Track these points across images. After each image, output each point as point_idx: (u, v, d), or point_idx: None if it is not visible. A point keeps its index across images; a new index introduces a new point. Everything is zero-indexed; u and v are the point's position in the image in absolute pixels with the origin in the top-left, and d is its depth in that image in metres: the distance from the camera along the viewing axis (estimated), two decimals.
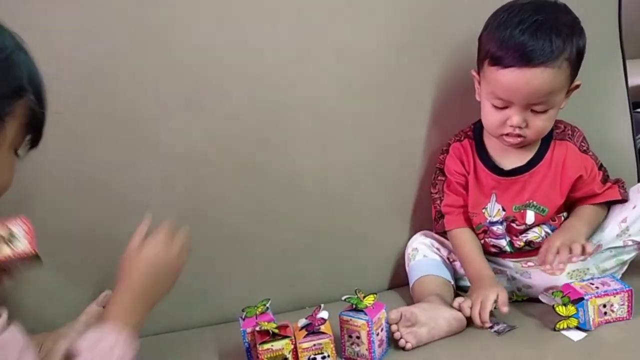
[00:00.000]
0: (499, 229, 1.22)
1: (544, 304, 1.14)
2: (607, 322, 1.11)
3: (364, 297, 1.07)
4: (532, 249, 1.22)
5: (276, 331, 1.04)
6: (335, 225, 1.31)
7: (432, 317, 1.10)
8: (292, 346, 1.04)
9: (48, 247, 1.21)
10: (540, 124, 1.14)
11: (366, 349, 1.06)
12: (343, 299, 1.08)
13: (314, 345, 1.05)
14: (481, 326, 1.11)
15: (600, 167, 1.22)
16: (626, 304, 1.11)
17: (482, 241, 1.25)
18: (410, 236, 1.33)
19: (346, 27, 1.26)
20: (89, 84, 1.18)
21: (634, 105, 1.41)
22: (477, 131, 1.25)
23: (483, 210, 1.23)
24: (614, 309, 1.10)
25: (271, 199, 1.28)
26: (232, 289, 1.28)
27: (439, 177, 1.28)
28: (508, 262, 1.25)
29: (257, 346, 1.04)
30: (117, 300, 0.92)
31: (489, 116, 1.16)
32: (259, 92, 1.24)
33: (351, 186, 1.31)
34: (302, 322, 1.07)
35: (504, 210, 1.21)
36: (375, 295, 1.08)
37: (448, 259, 1.28)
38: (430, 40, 1.28)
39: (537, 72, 1.07)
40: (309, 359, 1.05)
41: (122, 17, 1.17)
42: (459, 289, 1.27)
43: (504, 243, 1.23)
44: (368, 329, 1.04)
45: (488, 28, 1.14)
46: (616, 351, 1.05)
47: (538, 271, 1.19)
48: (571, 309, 1.09)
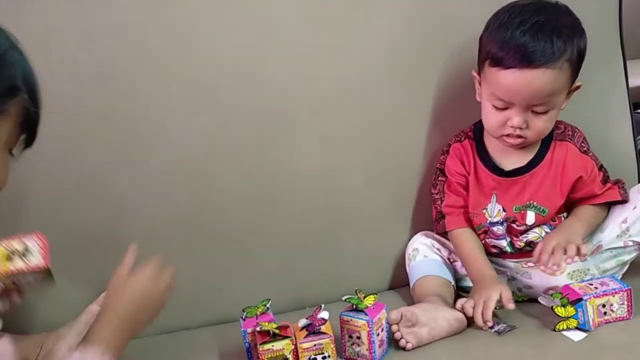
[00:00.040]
0: (499, 229, 1.22)
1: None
2: (607, 322, 1.10)
3: (364, 298, 1.07)
4: (532, 250, 1.21)
5: (277, 331, 1.04)
6: (336, 225, 1.31)
7: (432, 318, 1.10)
8: (293, 346, 1.04)
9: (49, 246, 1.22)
10: (541, 124, 1.14)
11: (366, 349, 1.06)
12: (343, 299, 1.08)
13: (315, 345, 1.05)
14: (482, 326, 1.10)
15: (601, 167, 1.22)
16: (626, 303, 1.11)
17: (483, 242, 1.25)
18: (411, 236, 1.32)
19: (347, 29, 1.26)
20: (90, 85, 1.18)
21: (635, 106, 1.40)
22: (477, 132, 1.25)
23: (483, 211, 1.23)
24: (614, 309, 1.10)
25: (272, 199, 1.28)
26: (233, 289, 1.28)
27: (440, 178, 1.28)
28: (508, 262, 1.25)
29: (258, 346, 1.04)
30: (102, 322, 0.91)
31: (490, 117, 1.16)
32: (260, 95, 1.24)
33: (352, 186, 1.31)
34: (303, 322, 1.07)
35: (504, 210, 1.21)
36: (375, 296, 1.08)
37: (448, 259, 1.28)
38: (430, 41, 1.28)
39: (538, 73, 1.07)
40: (309, 359, 1.05)
41: (124, 20, 1.17)
42: (459, 290, 1.27)
43: (504, 243, 1.23)
44: (368, 329, 1.04)
45: (489, 29, 1.14)
46: (617, 351, 1.05)
47: (538, 272, 1.19)
48: (570, 310, 1.09)
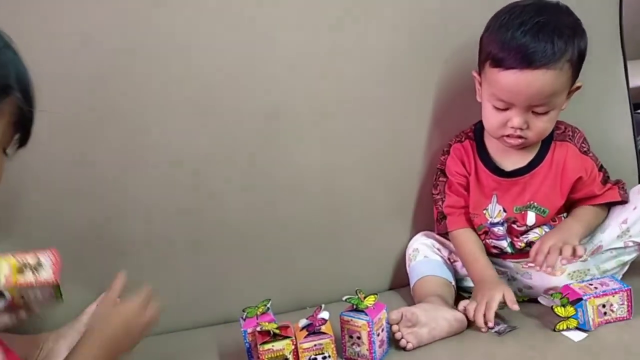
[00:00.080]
0: (499, 230, 1.22)
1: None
2: (607, 322, 1.10)
3: (364, 298, 1.07)
4: None
5: (277, 331, 1.04)
6: (336, 225, 1.31)
7: (433, 318, 1.10)
8: (293, 346, 1.04)
9: (50, 246, 1.22)
10: (542, 125, 1.14)
11: (367, 350, 1.06)
12: (344, 299, 1.08)
13: (315, 345, 1.05)
14: (482, 327, 1.10)
15: (601, 168, 1.22)
16: (626, 303, 1.11)
17: (483, 242, 1.24)
18: (411, 237, 1.32)
19: (348, 30, 1.26)
20: (93, 85, 1.18)
21: (635, 107, 1.40)
22: (477, 132, 1.25)
23: (484, 211, 1.23)
24: (614, 309, 1.10)
25: (273, 199, 1.28)
26: (233, 289, 1.28)
27: (440, 178, 1.28)
28: (508, 262, 1.25)
29: (258, 346, 1.04)
30: (86, 345, 0.90)
31: (490, 117, 1.16)
32: (261, 96, 1.24)
33: (352, 187, 1.31)
34: (303, 322, 1.07)
35: (504, 211, 1.21)
36: (376, 296, 1.09)
37: (449, 259, 1.28)
38: (431, 42, 1.28)
39: (538, 74, 1.07)
40: (309, 359, 1.05)
41: (127, 20, 1.17)
42: (460, 290, 1.27)
43: (505, 244, 1.23)
44: (369, 329, 1.04)
45: (489, 29, 1.14)
46: (617, 351, 1.05)
47: (539, 272, 1.19)
48: (570, 310, 1.09)
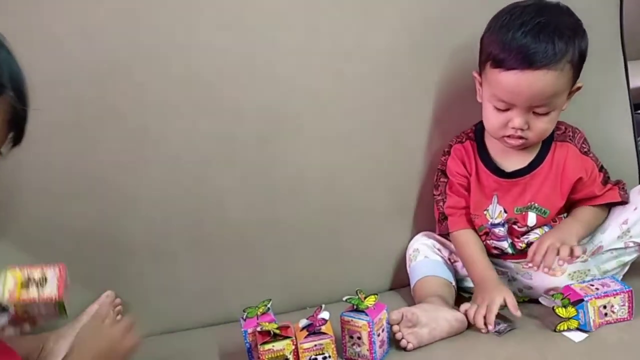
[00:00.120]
0: (500, 231, 1.22)
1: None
2: (608, 323, 1.10)
3: (365, 298, 1.07)
4: None
5: (277, 332, 1.04)
6: (337, 225, 1.31)
7: (433, 318, 1.10)
8: (293, 347, 1.04)
9: (50, 246, 1.22)
10: (542, 126, 1.13)
11: (367, 350, 1.06)
12: (344, 299, 1.08)
13: (315, 345, 1.05)
14: (482, 328, 1.10)
15: (601, 168, 1.22)
16: (627, 304, 1.11)
17: (484, 243, 1.24)
18: (412, 237, 1.32)
19: (349, 31, 1.26)
20: (93, 85, 1.18)
21: (635, 107, 1.40)
22: (478, 132, 1.24)
23: (485, 212, 1.22)
24: (615, 310, 1.10)
25: (274, 200, 1.28)
26: (234, 289, 1.28)
27: (441, 179, 1.27)
28: (509, 263, 1.25)
29: (258, 346, 1.04)
30: None
31: (491, 118, 1.16)
32: (263, 96, 1.24)
33: (353, 187, 1.31)
34: (303, 322, 1.07)
35: (505, 212, 1.21)
36: (376, 296, 1.09)
37: (449, 259, 1.28)
38: (431, 42, 1.28)
39: (539, 74, 1.07)
40: (310, 359, 1.05)
41: (128, 20, 1.18)
42: (460, 290, 1.27)
43: (505, 245, 1.23)
44: (369, 329, 1.04)
45: (490, 30, 1.14)
46: (617, 352, 1.05)
47: (539, 272, 1.18)
48: (571, 311, 1.09)
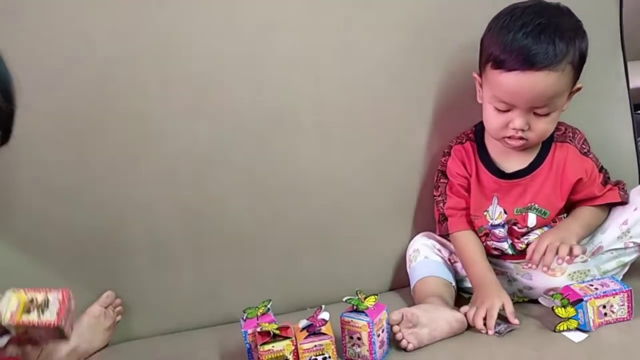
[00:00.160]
0: (500, 231, 1.22)
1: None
2: (607, 323, 1.10)
3: (365, 298, 1.07)
4: None
5: (277, 332, 1.04)
6: (337, 226, 1.31)
7: (433, 319, 1.10)
8: (293, 347, 1.04)
9: (50, 246, 1.22)
10: (543, 126, 1.13)
11: (367, 350, 1.06)
12: (344, 300, 1.08)
13: (315, 346, 1.05)
14: (481, 329, 1.10)
15: (601, 169, 1.22)
16: (626, 304, 1.11)
17: (484, 244, 1.24)
18: (412, 237, 1.32)
19: (349, 31, 1.26)
20: (93, 85, 1.18)
21: (635, 107, 1.40)
22: (478, 133, 1.24)
23: (485, 213, 1.22)
24: (614, 310, 1.10)
25: (274, 200, 1.28)
26: (234, 289, 1.28)
27: (441, 180, 1.27)
28: (508, 263, 1.25)
29: (258, 347, 1.04)
30: None
31: (491, 119, 1.15)
32: (263, 95, 1.24)
33: (353, 187, 1.31)
34: (303, 323, 1.07)
35: (505, 213, 1.21)
36: (376, 297, 1.09)
37: (449, 260, 1.28)
38: (431, 43, 1.28)
39: (540, 75, 1.07)
40: None
41: (127, 21, 1.18)
42: (460, 290, 1.27)
43: (505, 246, 1.23)
44: (369, 330, 1.04)
45: (490, 31, 1.13)
46: (617, 352, 1.05)
47: (539, 272, 1.19)
48: (571, 311, 1.09)
